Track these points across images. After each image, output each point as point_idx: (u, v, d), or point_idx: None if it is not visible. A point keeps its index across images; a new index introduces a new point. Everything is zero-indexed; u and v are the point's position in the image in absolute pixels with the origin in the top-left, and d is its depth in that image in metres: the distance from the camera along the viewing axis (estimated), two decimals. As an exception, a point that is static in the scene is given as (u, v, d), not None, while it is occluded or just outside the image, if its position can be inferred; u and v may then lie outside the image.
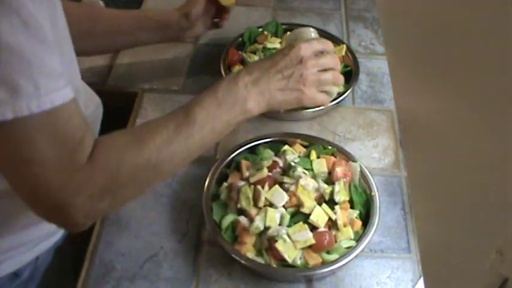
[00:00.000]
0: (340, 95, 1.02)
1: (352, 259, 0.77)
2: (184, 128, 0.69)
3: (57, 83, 0.58)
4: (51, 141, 0.59)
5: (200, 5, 1.00)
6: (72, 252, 0.97)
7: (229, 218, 0.81)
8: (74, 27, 0.88)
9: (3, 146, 0.58)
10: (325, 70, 0.81)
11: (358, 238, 0.80)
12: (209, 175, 0.86)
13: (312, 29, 0.97)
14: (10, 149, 0.58)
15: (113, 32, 0.99)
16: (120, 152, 0.64)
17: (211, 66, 1.11)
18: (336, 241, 0.79)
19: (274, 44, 1.11)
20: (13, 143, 0.58)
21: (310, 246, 0.78)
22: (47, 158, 0.59)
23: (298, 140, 0.93)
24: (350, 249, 0.78)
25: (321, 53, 0.81)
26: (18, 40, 0.54)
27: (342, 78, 0.84)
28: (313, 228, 0.79)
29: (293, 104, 0.80)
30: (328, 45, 0.84)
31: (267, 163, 0.86)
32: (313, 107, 0.92)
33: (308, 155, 0.89)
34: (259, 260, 0.78)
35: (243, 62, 1.08)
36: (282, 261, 0.77)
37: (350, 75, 1.08)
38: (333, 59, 0.82)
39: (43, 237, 0.83)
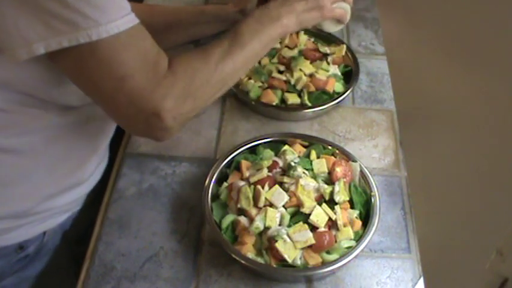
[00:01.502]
0: (340, 95, 1.03)
1: (352, 259, 0.77)
2: (236, 40, 0.80)
3: (128, 7, 0.68)
4: (136, 55, 0.69)
5: (254, 0, 1.11)
6: (77, 237, 0.98)
7: (229, 218, 0.81)
8: None
9: (97, 67, 0.67)
10: None
11: (358, 238, 0.80)
12: (209, 175, 0.86)
13: None
14: (103, 69, 0.67)
15: (174, 27, 1.11)
16: (193, 61, 0.76)
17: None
18: (336, 241, 0.79)
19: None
20: (105, 62, 0.67)
21: (310, 246, 0.78)
22: (136, 70, 0.68)
23: (298, 140, 0.93)
24: (350, 249, 0.78)
25: None
26: None
27: None
28: (313, 228, 0.79)
29: (317, 18, 0.90)
30: None
31: (267, 163, 0.86)
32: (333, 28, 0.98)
33: (308, 155, 0.89)
34: (259, 260, 0.78)
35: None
36: (282, 261, 0.77)
37: (350, 75, 1.08)
38: None
39: (51, 213, 0.87)
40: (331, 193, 0.83)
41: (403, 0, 1.11)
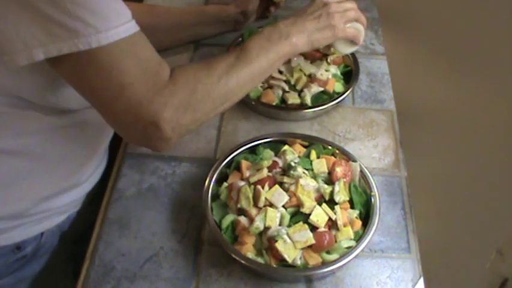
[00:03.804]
0: (340, 95, 1.03)
1: (352, 259, 0.77)
2: (243, 56, 0.79)
3: (129, 14, 0.68)
4: (137, 64, 0.68)
5: (255, 2, 1.13)
6: (76, 238, 0.98)
7: (229, 218, 0.81)
8: (139, 25, 1.01)
9: (97, 74, 0.66)
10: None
11: (358, 238, 0.80)
12: (209, 175, 0.86)
13: None
14: (102, 76, 0.66)
15: (174, 27, 1.11)
16: (195, 72, 0.74)
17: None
18: (336, 241, 0.79)
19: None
20: (105, 69, 0.66)
21: (310, 246, 0.78)
22: (136, 79, 0.67)
23: (298, 140, 0.93)
24: (350, 249, 0.78)
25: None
26: None
27: (363, 17, 0.93)
28: (313, 228, 0.79)
29: (329, 38, 0.89)
30: None
31: (267, 163, 0.86)
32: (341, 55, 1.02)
33: (308, 155, 0.89)
34: (259, 260, 0.78)
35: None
36: (282, 261, 0.77)
37: (350, 75, 1.08)
38: (351, 3, 0.92)
39: (48, 214, 0.87)
40: (331, 193, 0.83)
41: (403, 6, 1.11)
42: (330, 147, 0.91)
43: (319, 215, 0.79)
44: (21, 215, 0.83)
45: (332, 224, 0.80)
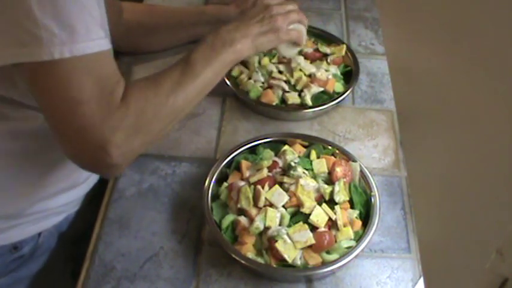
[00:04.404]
0: (340, 95, 1.03)
1: (352, 259, 0.77)
2: (189, 70, 0.77)
3: (101, 32, 0.67)
4: (96, 81, 0.66)
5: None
6: (74, 238, 0.98)
7: (229, 218, 0.81)
8: (138, 24, 1.06)
9: (54, 86, 0.65)
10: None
11: (358, 238, 0.80)
12: (209, 175, 0.86)
13: None
14: (60, 89, 0.65)
15: (175, 27, 1.11)
16: (144, 92, 0.72)
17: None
18: (336, 241, 0.79)
19: (274, 44, 1.11)
20: (64, 82, 0.64)
21: (310, 246, 0.78)
22: (92, 97, 0.65)
23: (298, 140, 0.93)
24: (350, 249, 0.78)
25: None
26: None
27: (305, 18, 0.94)
28: (313, 228, 0.79)
29: (274, 41, 0.88)
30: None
31: (267, 163, 0.86)
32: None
33: (308, 155, 0.89)
34: (259, 260, 0.78)
35: (242, 61, 1.08)
36: (282, 261, 0.77)
37: (350, 75, 1.08)
38: (292, 4, 0.93)
39: (46, 214, 0.87)
40: (331, 193, 0.83)
41: (403, 6, 1.11)
42: (330, 147, 0.91)
43: (319, 215, 0.79)
44: (18, 215, 0.83)
45: (332, 224, 0.80)
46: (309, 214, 0.79)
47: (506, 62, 0.55)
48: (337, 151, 0.91)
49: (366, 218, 0.83)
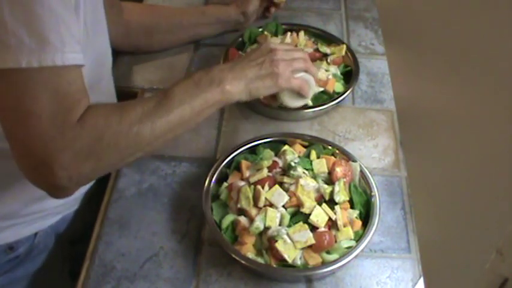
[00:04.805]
0: (340, 95, 1.03)
1: (352, 259, 0.77)
2: (164, 103, 0.72)
3: (76, 47, 0.64)
4: (53, 96, 0.63)
5: (256, 2, 1.13)
6: (72, 238, 0.98)
7: (229, 218, 0.81)
8: (138, 24, 1.07)
9: (8, 93, 0.63)
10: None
11: (358, 238, 0.80)
12: (209, 175, 0.86)
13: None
14: (13, 97, 0.62)
15: (175, 27, 1.11)
16: (107, 117, 0.68)
17: (211, 66, 1.11)
18: (336, 241, 0.79)
19: (274, 44, 1.11)
20: (18, 91, 0.62)
21: (310, 246, 0.78)
22: (45, 111, 0.63)
23: (298, 140, 0.93)
24: (350, 249, 0.78)
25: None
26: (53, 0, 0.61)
27: (313, 68, 0.88)
28: (313, 228, 0.79)
29: (271, 88, 0.83)
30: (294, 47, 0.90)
31: (267, 163, 0.86)
32: (296, 108, 0.94)
33: (308, 155, 0.89)
34: (259, 260, 0.78)
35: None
36: (282, 261, 0.77)
37: (350, 75, 1.08)
38: (301, 52, 0.87)
39: (41, 215, 0.87)
40: (331, 193, 0.83)
41: (403, 7, 1.11)
42: (330, 147, 0.91)
43: (319, 215, 0.79)
44: (13, 215, 0.83)
45: (332, 224, 0.80)
46: (309, 214, 0.79)
47: (505, 62, 0.56)
48: (337, 151, 0.91)
49: (366, 218, 0.83)
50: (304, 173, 0.84)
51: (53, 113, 0.63)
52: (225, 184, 0.86)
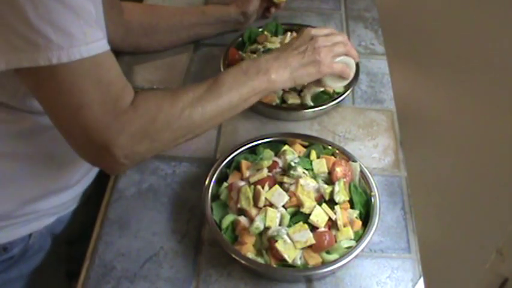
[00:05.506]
0: (340, 95, 1.03)
1: (352, 259, 0.77)
2: (214, 88, 0.76)
3: (99, 34, 0.66)
4: (97, 85, 0.66)
5: (256, 2, 1.13)
6: (69, 239, 0.98)
7: (229, 218, 0.81)
8: (138, 24, 1.07)
9: (55, 91, 0.65)
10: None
11: (358, 238, 0.80)
12: (209, 175, 0.86)
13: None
14: (62, 94, 0.65)
15: (175, 27, 1.11)
16: (158, 101, 0.72)
17: (211, 66, 1.11)
18: (336, 241, 0.79)
19: (275, 44, 1.11)
20: (65, 87, 0.65)
21: (310, 246, 0.78)
22: (95, 101, 0.66)
23: (298, 140, 0.93)
24: (350, 249, 0.78)
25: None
26: None
27: (354, 51, 0.89)
28: (313, 228, 0.79)
29: (314, 74, 0.85)
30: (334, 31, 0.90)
31: (267, 163, 0.86)
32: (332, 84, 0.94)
33: (308, 155, 0.89)
34: (259, 260, 0.78)
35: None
36: (282, 261, 0.77)
37: (350, 75, 1.07)
38: (341, 36, 0.89)
39: (36, 216, 0.87)
40: (331, 193, 0.83)
41: (403, 7, 1.11)
42: (330, 147, 0.91)
43: (319, 215, 0.79)
44: (7, 216, 0.83)
45: (332, 224, 0.80)
46: (309, 214, 0.79)
47: (505, 64, 0.56)
48: (337, 151, 0.91)
49: (366, 218, 0.83)
50: (304, 173, 0.84)
51: (103, 101, 0.66)
52: (225, 184, 0.86)
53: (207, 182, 0.85)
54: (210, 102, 0.75)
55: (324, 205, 0.81)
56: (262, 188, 0.82)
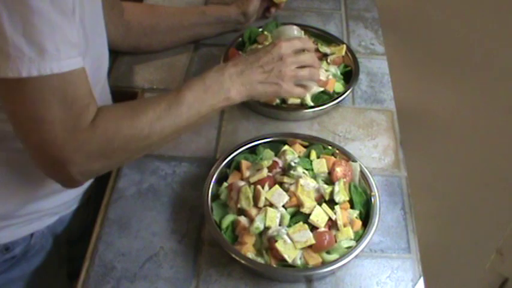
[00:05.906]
0: (340, 95, 1.03)
1: (352, 259, 0.77)
2: (174, 107, 0.77)
3: (73, 52, 0.66)
4: (62, 102, 0.66)
5: (256, 2, 1.13)
6: (70, 239, 0.98)
7: (229, 218, 0.81)
8: (138, 24, 1.08)
9: (20, 103, 0.65)
10: (303, 66, 0.89)
11: (358, 238, 0.80)
12: (209, 175, 0.86)
13: (295, 27, 1.07)
14: (25, 106, 0.65)
15: (175, 27, 1.11)
16: (118, 121, 0.72)
17: (211, 66, 1.10)
18: (336, 241, 0.79)
19: (274, 44, 1.11)
20: (30, 100, 0.64)
21: (310, 246, 0.78)
22: (57, 117, 0.66)
23: (298, 140, 0.93)
24: (350, 249, 0.78)
25: (301, 51, 0.90)
26: (46, 7, 0.61)
27: (317, 74, 0.92)
28: (313, 228, 0.79)
29: (271, 94, 0.89)
30: (309, 43, 0.93)
31: (267, 163, 0.86)
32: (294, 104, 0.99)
33: (308, 155, 0.89)
34: (259, 260, 0.78)
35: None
36: (282, 261, 0.77)
37: (350, 75, 1.07)
38: (311, 57, 0.91)
39: (38, 215, 0.87)
40: (331, 193, 0.83)
41: (403, 7, 1.11)
42: (330, 147, 0.91)
43: (319, 215, 0.79)
44: (9, 216, 0.83)
45: (332, 224, 0.80)
46: (309, 214, 0.79)
47: (503, 64, 0.56)
48: (337, 151, 0.91)
49: (366, 218, 0.83)
50: (304, 173, 0.84)
51: (64, 118, 0.66)
52: (225, 184, 0.86)
53: (207, 182, 0.85)
54: (169, 122, 0.76)
55: (324, 205, 0.81)
56: (262, 188, 0.82)
